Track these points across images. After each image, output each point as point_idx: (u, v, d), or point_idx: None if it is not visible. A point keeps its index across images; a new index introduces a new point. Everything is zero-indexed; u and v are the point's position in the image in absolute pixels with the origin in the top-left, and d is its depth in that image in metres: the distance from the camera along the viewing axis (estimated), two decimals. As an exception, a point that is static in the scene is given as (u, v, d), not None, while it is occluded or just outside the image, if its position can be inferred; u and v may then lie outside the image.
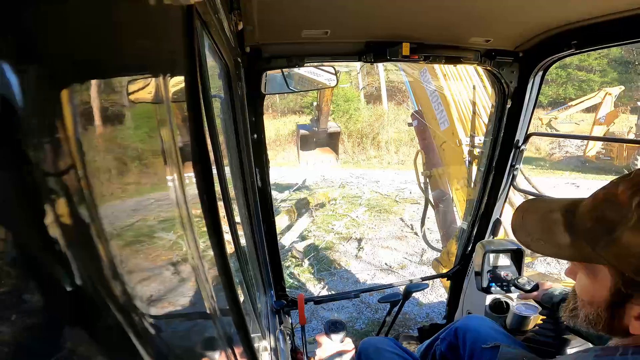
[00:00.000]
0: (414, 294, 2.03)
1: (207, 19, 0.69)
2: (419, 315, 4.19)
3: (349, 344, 1.33)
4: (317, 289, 4.82)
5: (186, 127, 0.43)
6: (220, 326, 0.55)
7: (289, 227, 6.50)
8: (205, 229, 0.47)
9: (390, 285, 2.67)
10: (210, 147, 0.56)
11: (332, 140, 7.06)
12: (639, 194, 0.55)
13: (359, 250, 6.01)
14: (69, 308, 0.21)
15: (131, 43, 0.32)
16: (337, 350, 1.29)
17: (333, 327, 1.36)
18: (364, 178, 10.91)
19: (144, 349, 0.26)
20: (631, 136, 10.77)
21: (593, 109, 11.71)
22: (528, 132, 1.86)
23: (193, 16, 0.48)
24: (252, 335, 0.83)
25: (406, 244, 4.03)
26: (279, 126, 19.42)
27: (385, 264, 5.44)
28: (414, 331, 2.41)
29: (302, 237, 6.35)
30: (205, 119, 0.50)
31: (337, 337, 1.33)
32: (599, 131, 10.87)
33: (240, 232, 1.43)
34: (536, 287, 1.48)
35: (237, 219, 1.39)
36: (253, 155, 1.56)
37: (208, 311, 0.49)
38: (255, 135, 1.56)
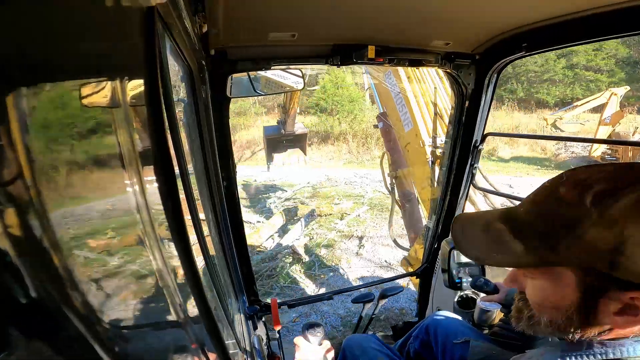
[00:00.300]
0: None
1: (169, 20, 0.68)
2: (392, 312, 4.30)
3: (327, 345, 1.33)
4: (317, 284, 5.00)
5: (147, 132, 0.42)
6: (192, 334, 0.54)
7: (291, 225, 6.73)
8: (169, 234, 0.46)
9: (364, 286, 2.70)
10: (172, 152, 0.54)
11: (300, 142, 7.09)
12: (588, 191, 0.56)
13: (359, 248, 6.10)
14: (25, 321, 0.20)
15: (86, 44, 0.31)
16: (316, 352, 1.28)
17: (310, 328, 1.35)
18: (367, 177, 10.89)
19: None
20: (637, 137, 10.62)
21: (600, 109, 11.54)
22: (485, 132, 1.95)
23: (154, 18, 0.47)
24: (226, 342, 0.81)
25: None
26: None
27: (385, 261, 5.56)
28: (387, 330, 2.45)
29: (304, 235, 6.51)
30: (167, 122, 0.49)
31: (315, 339, 1.32)
32: (604, 131, 10.78)
33: (208, 238, 1.40)
34: (496, 290, 1.51)
35: (204, 225, 1.36)
36: (219, 159, 1.53)
37: (177, 319, 0.48)
38: (221, 140, 1.53)
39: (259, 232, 6.22)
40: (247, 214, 7.59)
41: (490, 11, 1.31)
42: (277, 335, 1.79)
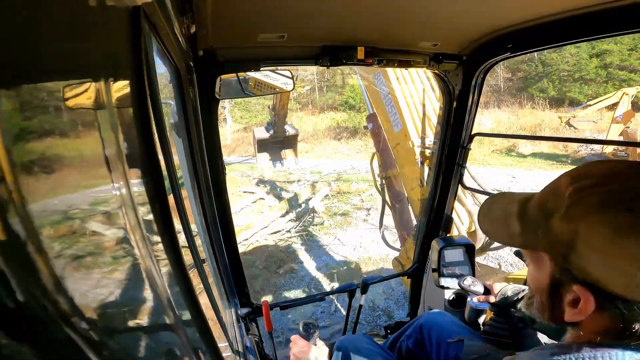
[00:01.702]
0: (378, 293, 2.07)
1: (156, 21, 0.67)
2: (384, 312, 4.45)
3: (321, 345, 1.34)
4: (330, 239, 7.03)
5: (133, 133, 0.41)
6: (184, 337, 0.54)
7: (314, 195, 8.99)
8: (158, 237, 0.46)
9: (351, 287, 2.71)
10: (160, 154, 0.54)
11: (290, 143, 7.08)
12: (573, 184, 0.58)
13: (366, 216, 8.07)
14: (13, 326, 0.20)
15: (69, 44, 0.30)
16: (311, 350, 1.30)
17: (306, 327, 1.37)
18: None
19: None
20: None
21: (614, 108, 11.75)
22: (472, 132, 1.97)
23: (140, 18, 0.47)
24: (219, 344, 0.80)
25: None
26: (316, 122, 21.04)
27: (386, 226, 5.82)
28: (380, 330, 2.46)
29: (325, 206, 8.65)
30: (154, 124, 0.48)
31: (310, 338, 1.35)
32: (616, 129, 11.04)
33: (198, 241, 1.38)
34: (487, 291, 1.53)
35: (194, 227, 1.35)
36: (208, 160, 1.51)
37: (169, 322, 0.48)
38: (210, 141, 1.52)
39: (291, 200, 8.43)
40: (281, 192, 9.78)
41: (476, 13, 1.33)
42: (270, 337, 1.78)
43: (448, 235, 2.22)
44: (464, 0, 1.19)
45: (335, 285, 5.33)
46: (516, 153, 13.64)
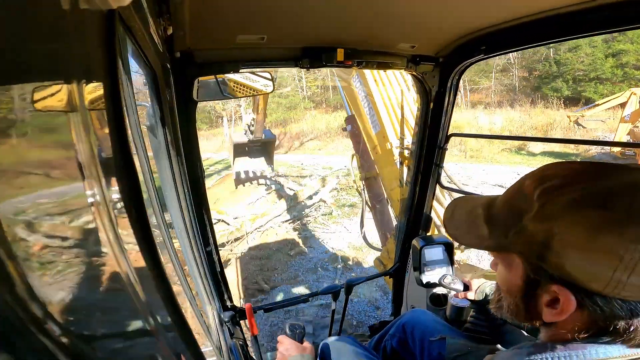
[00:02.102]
0: (361, 294, 2.09)
1: (132, 23, 0.66)
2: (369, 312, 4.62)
3: (307, 345, 1.35)
4: (339, 226, 7.77)
5: (108, 135, 0.41)
6: (165, 343, 0.53)
7: (324, 188, 9.52)
8: (135, 241, 0.45)
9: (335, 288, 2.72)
10: (135, 157, 0.53)
11: (266, 149, 6.85)
12: (541, 185, 0.59)
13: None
14: None
15: (41, 46, 0.30)
16: (298, 349, 1.30)
17: (292, 327, 1.38)
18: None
19: None
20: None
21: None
22: (449, 133, 2.01)
23: (114, 20, 0.46)
24: (202, 349, 0.79)
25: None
26: (329, 120, 21.51)
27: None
28: (365, 330, 2.47)
29: (332, 197, 9.33)
30: (129, 127, 0.48)
31: (296, 337, 1.35)
32: (623, 128, 11.26)
33: (177, 243, 1.36)
34: (466, 287, 1.57)
35: (172, 231, 1.33)
36: (186, 164, 1.49)
37: (149, 328, 0.47)
38: (188, 144, 1.49)
39: (303, 191, 9.17)
40: (294, 184, 10.70)
41: (452, 15, 1.35)
42: (255, 340, 1.77)
43: (428, 234, 2.27)
44: (440, 3, 1.22)
45: (339, 266, 5.93)
46: (526, 152, 13.87)
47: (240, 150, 6.65)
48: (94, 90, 0.40)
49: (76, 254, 0.37)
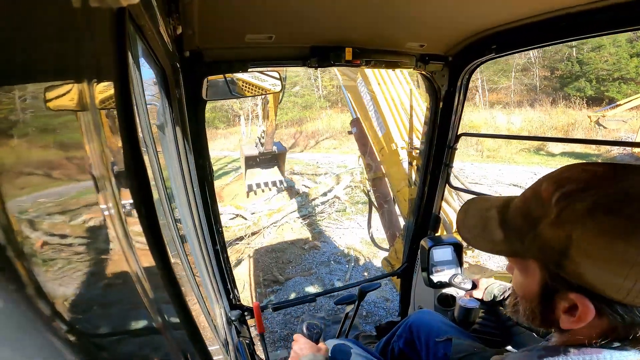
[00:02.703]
0: (369, 294, 2.07)
1: (141, 22, 0.66)
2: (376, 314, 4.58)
3: (322, 346, 1.34)
4: (352, 222, 7.82)
5: (117, 135, 0.41)
6: (173, 341, 0.53)
7: (338, 185, 9.57)
8: (144, 240, 0.45)
9: (345, 287, 2.71)
10: (146, 155, 0.53)
11: (277, 161, 6.91)
12: (559, 190, 0.56)
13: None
14: None
15: (52, 46, 0.30)
16: (312, 348, 1.30)
17: (310, 327, 1.37)
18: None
19: None
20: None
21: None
22: (458, 132, 2.00)
23: (125, 19, 0.47)
24: (209, 348, 0.80)
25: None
26: (345, 119, 21.24)
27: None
28: (371, 329, 2.46)
29: (346, 194, 9.34)
30: (139, 125, 0.48)
31: (312, 337, 1.35)
32: None
33: (186, 242, 1.37)
34: (474, 286, 1.56)
35: (181, 229, 1.34)
36: (195, 162, 1.50)
37: (157, 326, 0.47)
38: (197, 143, 1.50)
39: (318, 188, 9.25)
40: (309, 182, 10.83)
41: (462, 13, 1.34)
42: (262, 338, 1.77)
43: (436, 234, 2.25)
44: (450, 2, 1.21)
45: (351, 260, 6.14)
46: (545, 152, 13.58)
47: (251, 162, 6.73)
48: (104, 89, 0.40)
49: (85, 252, 0.37)
